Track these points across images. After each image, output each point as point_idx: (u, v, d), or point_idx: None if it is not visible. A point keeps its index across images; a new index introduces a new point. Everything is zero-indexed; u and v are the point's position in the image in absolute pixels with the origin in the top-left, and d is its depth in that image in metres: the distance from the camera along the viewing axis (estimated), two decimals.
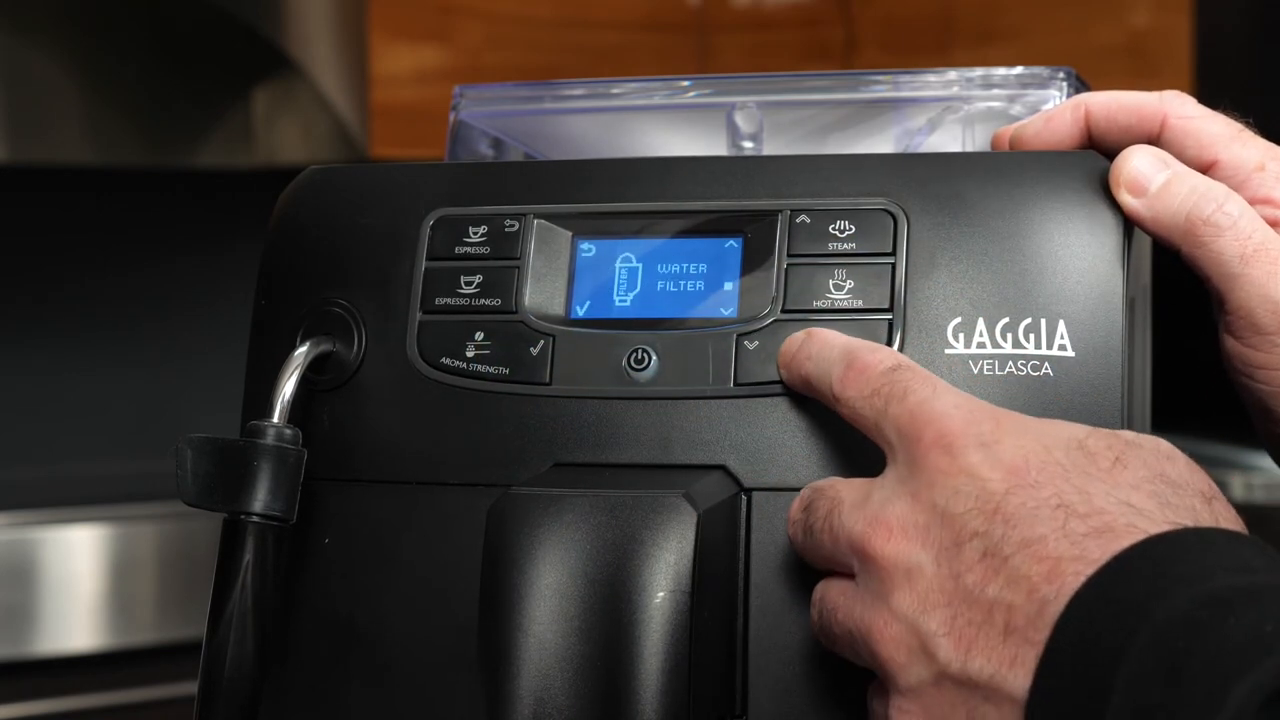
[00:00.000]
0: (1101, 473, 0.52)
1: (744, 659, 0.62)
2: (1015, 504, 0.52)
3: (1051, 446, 0.53)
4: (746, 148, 0.75)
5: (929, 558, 0.53)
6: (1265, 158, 0.64)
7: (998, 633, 0.51)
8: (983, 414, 0.55)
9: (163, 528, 2.08)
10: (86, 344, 2.41)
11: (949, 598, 0.52)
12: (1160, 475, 0.52)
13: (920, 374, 0.57)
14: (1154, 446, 0.54)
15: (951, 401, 0.55)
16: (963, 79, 0.73)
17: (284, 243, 0.71)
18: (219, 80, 2.25)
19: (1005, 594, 0.51)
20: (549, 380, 0.65)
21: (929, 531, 0.53)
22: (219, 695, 0.62)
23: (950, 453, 0.54)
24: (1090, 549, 0.50)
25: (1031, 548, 0.50)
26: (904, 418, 0.56)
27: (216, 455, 0.63)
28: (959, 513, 0.52)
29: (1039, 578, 0.50)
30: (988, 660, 0.51)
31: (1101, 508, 0.51)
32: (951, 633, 0.52)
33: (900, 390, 0.56)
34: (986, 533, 0.52)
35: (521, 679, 0.56)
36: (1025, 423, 0.54)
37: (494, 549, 0.59)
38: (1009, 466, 0.53)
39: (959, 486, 0.53)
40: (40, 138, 2.17)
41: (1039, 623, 0.49)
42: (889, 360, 0.58)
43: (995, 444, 0.53)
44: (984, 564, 0.51)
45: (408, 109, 2.26)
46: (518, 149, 0.81)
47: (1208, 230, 0.61)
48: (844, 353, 0.59)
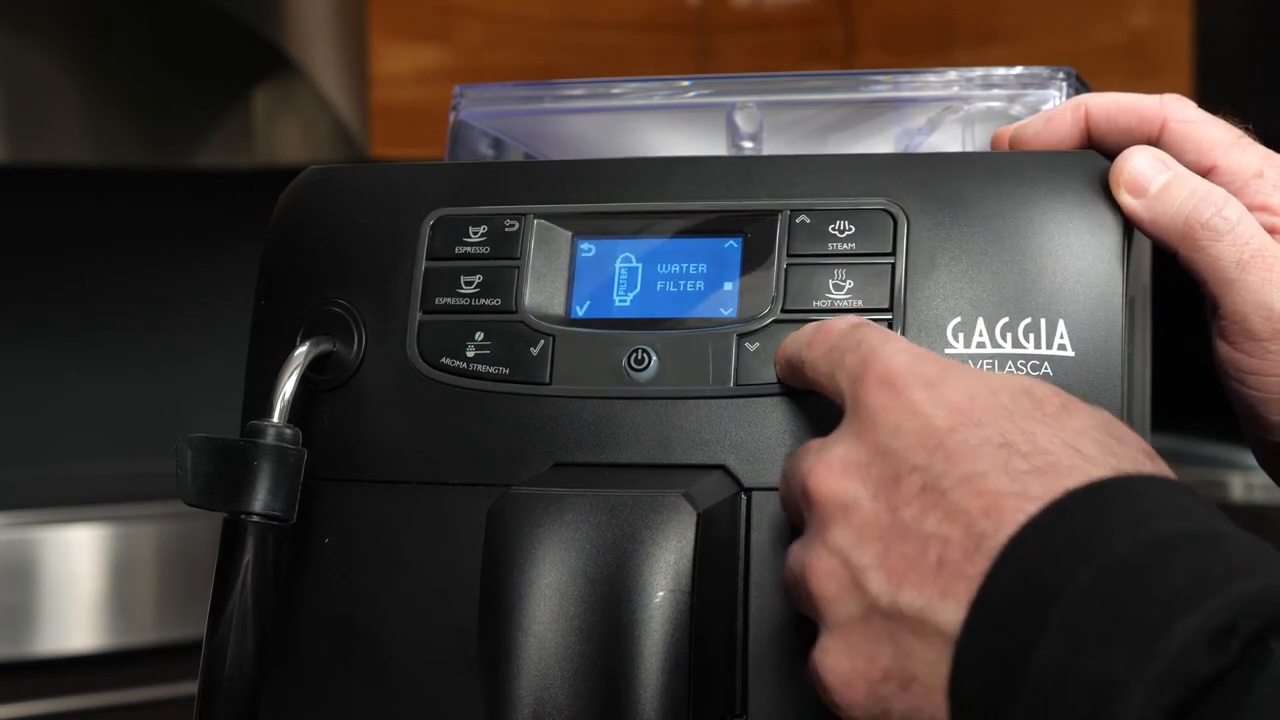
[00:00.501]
0: (1047, 417, 0.52)
1: (744, 659, 0.62)
2: (958, 440, 0.51)
3: (998, 390, 0.53)
4: (746, 148, 0.75)
5: (867, 493, 0.53)
6: (1264, 164, 0.64)
7: (931, 566, 0.50)
8: (928, 358, 0.55)
9: (163, 528, 2.08)
10: (86, 344, 2.41)
11: (883, 531, 0.52)
12: (1105, 426, 0.52)
13: (877, 329, 0.57)
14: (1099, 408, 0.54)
15: (900, 346, 0.56)
16: (963, 79, 0.73)
17: (284, 243, 0.71)
18: (219, 80, 2.25)
19: (942, 528, 0.50)
20: (549, 380, 0.65)
21: (869, 468, 0.53)
22: (219, 695, 0.62)
23: (893, 390, 0.54)
24: (1031, 487, 0.49)
25: (972, 483, 0.50)
26: (854, 364, 0.56)
27: (216, 455, 0.63)
28: (899, 448, 0.52)
29: (977, 512, 0.50)
30: (919, 593, 0.50)
31: (1045, 448, 0.51)
32: (884, 565, 0.51)
33: (854, 342, 0.57)
34: (926, 467, 0.52)
35: (521, 679, 0.56)
36: (971, 370, 0.55)
37: (494, 549, 0.59)
38: (953, 405, 0.53)
39: (901, 423, 0.53)
40: (40, 138, 2.17)
41: (975, 557, 0.49)
42: (852, 320, 0.59)
43: (940, 384, 0.53)
44: (922, 498, 0.51)
45: (408, 109, 2.26)
46: (518, 149, 0.81)
47: (1205, 234, 0.62)
48: (815, 325, 0.60)
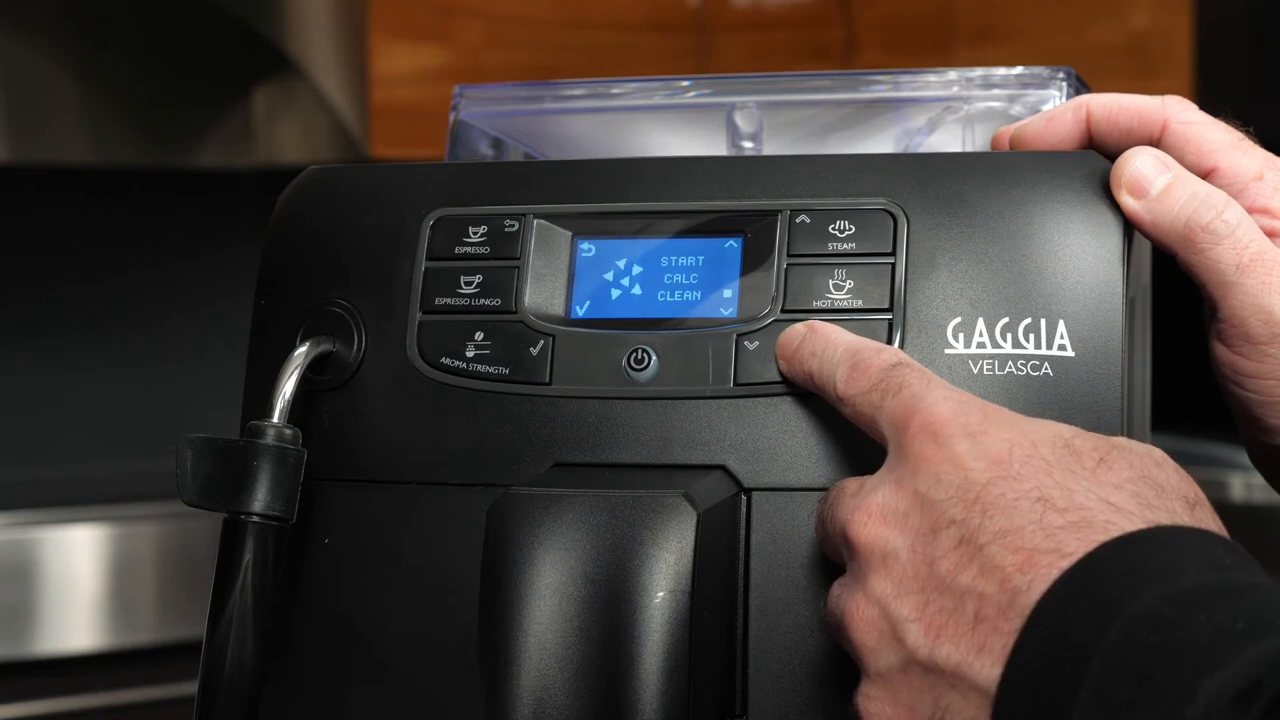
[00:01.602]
0: (1085, 471, 0.52)
1: (744, 659, 0.62)
2: (995, 494, 0.52)
3: (1038, 442, 0.53)
4: (746, 148, 0.75)
5: (905, 543, 0.53)
6: (1264, 167, 0.64)
7: (968, 621, 0.51)
8: (971, 406, 0.55)
9: (163, 528, 2.08)
10: (86, 344, 2.41)
11: (922, 584, 0.52)
12: (1145, 477, 0.53)
13: (918, 371, 0.57)
14: (1145, 452, 0.54)
15: (942, 394, 0.56)
16: (963, 79, 0.73)
17: (284, 243, 0.71)
18: (219, 80, 2.25)
19: (978, 583, 0.51)
20: (549, 380, 0.65)
21: (908, 518, 0.53)
22: (219, 695, 0.62)
23: (936, 440, 0.54)
24: (1066, 542, 0.50)
25: (1007, 538, 0.51)
26: (897, 410, 0.56)
27: (216, 455, 0.63)
28: (939, 500, 0.53)
29: (1012, 568, 0.50)
30: (955, 648, 0.51)
31: (1081, 504, 0.51)
32: (922, 619, 0.52)
33: (896, 385, 0.57)
34: (964, 520, 0.52)
35: (521, 679, 0.56)
36: (1014, 418, 0.55)
37: (494, 549, 0.59)
38: (993, 457, 0.53)
39: (941, 474, 0.53)
40: (40, 138, 2.17)
41: (1010, 613, 0.50)
42: (890, 358, 0.58)
43: (981, 434, 0.54)
44: (958, 551, 0.52)
45: (408, 109, 2.26)
46: (518, 149, 0.81)
47: (1205, 237, 0.62)
48: (848, 352, 0.60)
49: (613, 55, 2.37)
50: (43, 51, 2.13)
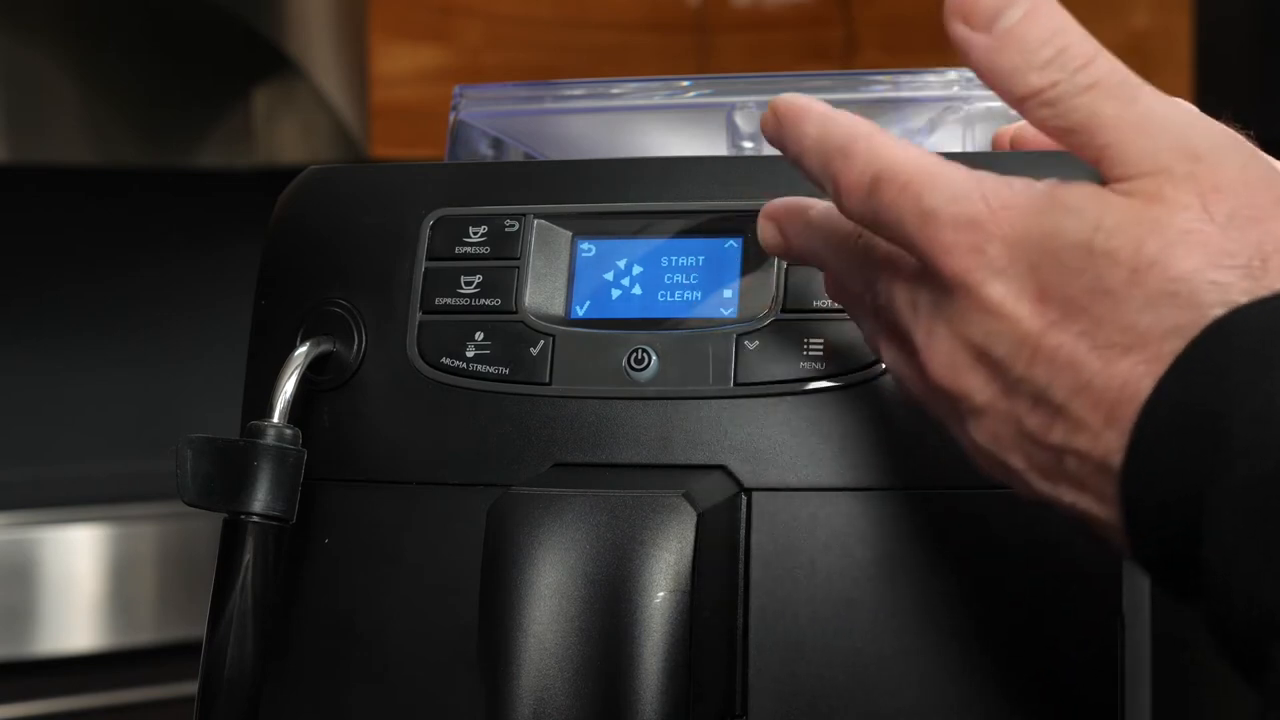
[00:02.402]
0: (1124, 281, 0.48)
1: (744, 659, 0.62)
2: (1052, 345, 0.49)
3: (1063, 258, 0.49)
4: (746, 148, 0.75)
5: (985, 398, 0.51)
6: None
7: (1074, 476, 0.50)
8: (979, 230, 0.50)
9: (163, 528, 2.08)
10: (86, 344, 2.41)
11: (1018, 439, 0.51)
12: (1193, 260, 0.47)
13: (897, 184, 0.52)
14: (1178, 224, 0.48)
15: (948, 213, 0.50)
16: (963, 79, 0.73)
17: (284, 243, 0.71)
18: (219, 80, 2.25)
19: (1071, 440, 0.49)
20: (549, 380, 0.65)
21: (976, 371, 0.51)
22: (219, 695, 0.62)
23: (969, 292, 0.50)
24: (1143, 384, 0.47)
25: (1081, 395, 0.49)
26: (912, 242, 0.52)
27: (216, 455, 0.63)
28: (999, 356, 0.50)
29: (1099, 422, 0.48)
30: (1077, 496, 0.50)
31: (1141, 335, 0.48)
32: (1032, 468, 0.51)
33: (890, 215, 0.52)
34: (1031, 378, 0.50)
35: (521, 679, 0.56)
36: (1019, 217, 0.50)
37: (494, 549, 0.59)
38: (1034, 293, 0.49)
39: (990, 328, 0.50)
40: (40, 138, 2.17)
41: (1109, 465, 0.48)
42: (864, 174, 0.53)
43: (1008, 269, 0.50)
44: (1039, 411, 0.50)
45: (408, 109, 2.26)
46: (518, 149, 0.81)
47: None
48: (823, 165, 0.54)
49: (613, 55, 2.37)
50: (43, 51, 2.13)
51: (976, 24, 0.51)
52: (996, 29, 0.51)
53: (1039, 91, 0.50)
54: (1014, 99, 0.51)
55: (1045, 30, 0.50)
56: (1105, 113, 0.49)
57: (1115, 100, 0.49)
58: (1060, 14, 0.50)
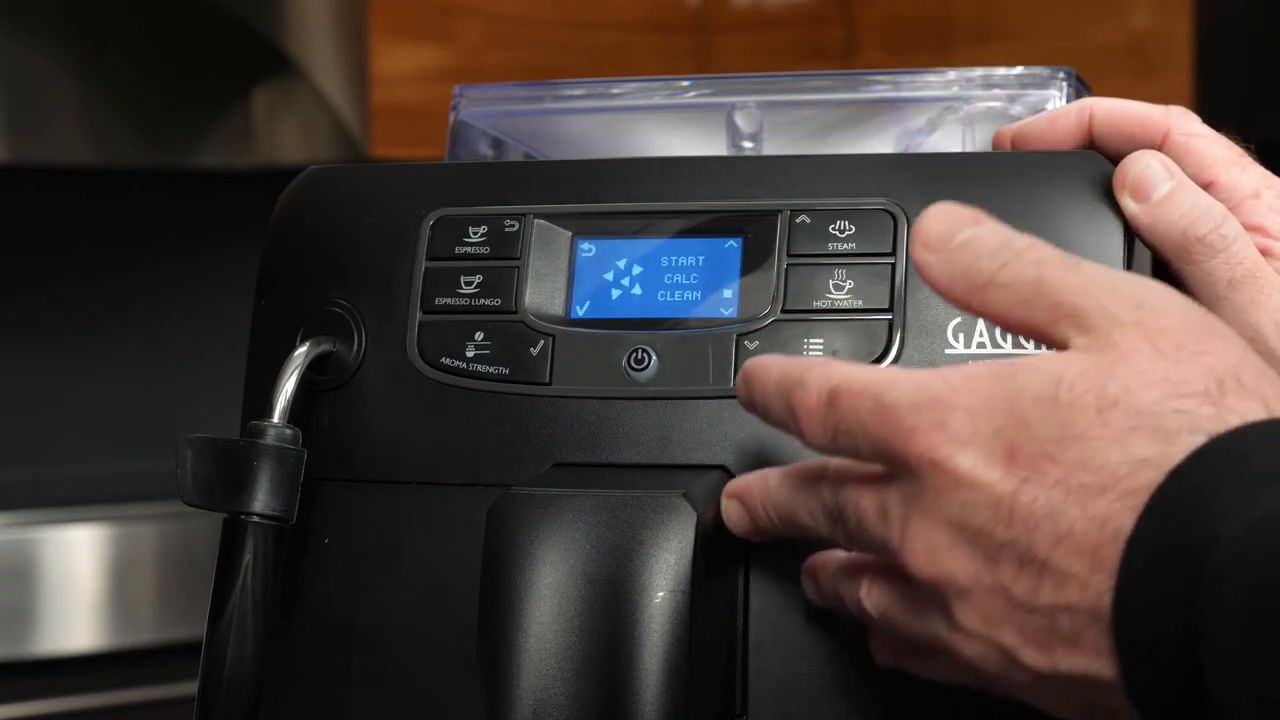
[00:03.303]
0: (1090, 424, 0.49)
1: (744, 659, 0.62)
2: (1028, 501, 0.50)
3: (1028, 415, 0.50)
4: (746, 148, 0.75)
5: (969, 576, 0.51)
6: (1261, 185, 0.65)
7: (1069, 635, 0.49)
8: (940, 406, 0.51)
9: (163, 528, 2.08)
10: (86, 344, 2.41)
11: (1008, 611, 0.51)
12: (1153, 393, 0.49)
13: (855, 391, 0.53)
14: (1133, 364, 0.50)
15: (908, 401, 0.52)
16: (963, 79, 0.73)
17: (284, 243, 0.71)
18: (219, 80, 2.25)
19: (1060, 595, 0.49)
20: (549, 380, 0.65)
21: (956, 550, 0.51)
22: (219, 695, 0.62)
23: (937, 468, 0.51)
24: (1122, 517, 0.48)
25: (1062, 546, 0.49)
26: (875, 441, 0.53)
27: (216, 455, 0.63)
28: (977, 526, 0.50)
29: (1084, 570, 0.49)
30: (1074, 660, 0.50)
31: (1113, 472, 0.49)
32: (1026, 641, 0.51)
33: (851, 422, 0.53)
34: (1014, 540, 0.50)
35: (521, 679, 0.56)
36: (980, 386, 0.51)
37: (494, 549, 0.59)
38: (1002, 456, 0.50)
39: (964, 499, 0.51)
40: (40, 138, 2.17)
41: (1101, 611, 0.48)
42: (823, 394, 0.54)
43: (973, 438, 0.51)
44: (1026, 573, 0.50)
45: (408, 109, 2.26)
46: (518, 149, 0.81)
47: (1201, 249, 0.62)
48: (784, 402, 0.56)
49: (613, 55, 2.37)
50: (43, 51, 2.13)
51: (933, 247, 0.54)
52: (950, 246, 0.54)
53: (993, 275, 0.53)
54: (974, 288, 0.53)
55: (995, 236, 0.54)
56: (1052, 276, 0.52)
57: (1060, 267, 0.52)
58: (1008, 232, 0.54)
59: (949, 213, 0.54)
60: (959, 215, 0.54)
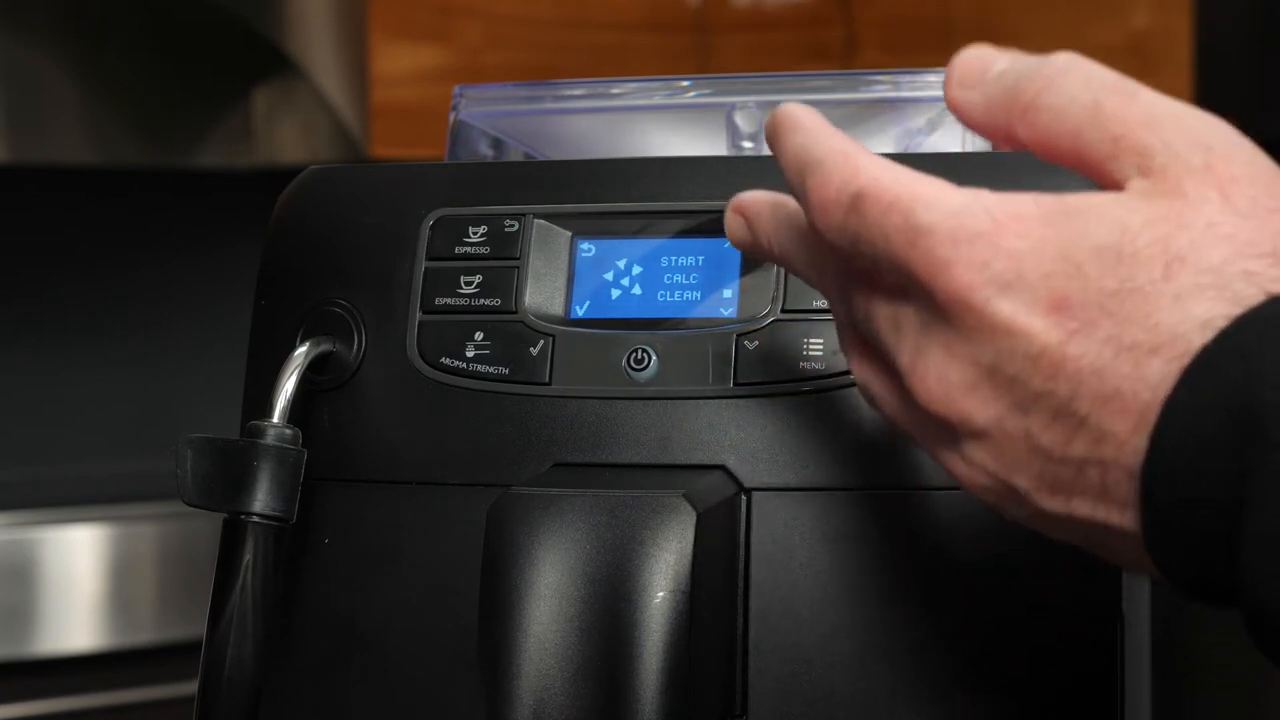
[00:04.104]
0: (1153, 278, 0.46)
1: (744, 659, 0.62)
2: (1076, 354, 0.46)
3: (1083, 262, 0.46)
4: (746, 148, 0.75)
5: (989, 419, 0.48)
6: None
7: (1095, 486, 0.47)
8: (982, 243, 0.47)
9: (163, 528, 2.08)
10: (86, 344, 2.41)
11: (1029, 457, 0.48)
12: (1222, 251, 0.46)
13: (883, 201, 0.49)
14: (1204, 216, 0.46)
15: (946, 227, 0.48)
16: None
17: (284, 243, 0.71)
18: (219, 80, 2.25)
19: (1095, 451, 0.47)
20: (549, 380, 0.65)
21: (976, 391, 0.48)
22: (219, 695, 0.62)
23: (971, 310, 0.47)
24: (1167, 381, 0.45)
25: (1108, 404, 0.46)
26: (900, 262, 0.49)
27: (216, 455, 0.63)
28: (1011, 373, 0.47)
29: (1127, 429, 0.46)
30: (1095, 509, 0.47)
31: (1171, 330, 0.46)
32: (1042, 487, 0.48)
33: (875, 233, 0.49)
34: (1051, 392, 0.47)
35: (521, 679, 0.56)
36: (1030, 227, 0.47)
37: (494, 549, 0.59)
38: (1048, 304, 0.47)
39: (1000, 345, 0.47)
40: (40, 138, 2.17)
41: (1136, 469, 0.46)
42: (844, 191, 0.50)
43: (1015, 283, 0.47)
44: (1058, 425, 0.47)
45: (408, 109, 2.26)
46: (518, 149, 0.81)
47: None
48: (798, 177, 0.52)
49: (613, 55, 2.37)
50: (43, 51, 2.13)
51: (970, 83, 0.51)
52: (988, 79, 0.50)
53: (1038, 93, 0.49)
54: (1019, 111, 0.49)
55: (1036, 58, 0.50)
56: (1110, 103, 0.48)
57: (1118, 93, 0.48)
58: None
59: (983, 50, 0.50)
60: (993, 51, 0.50)
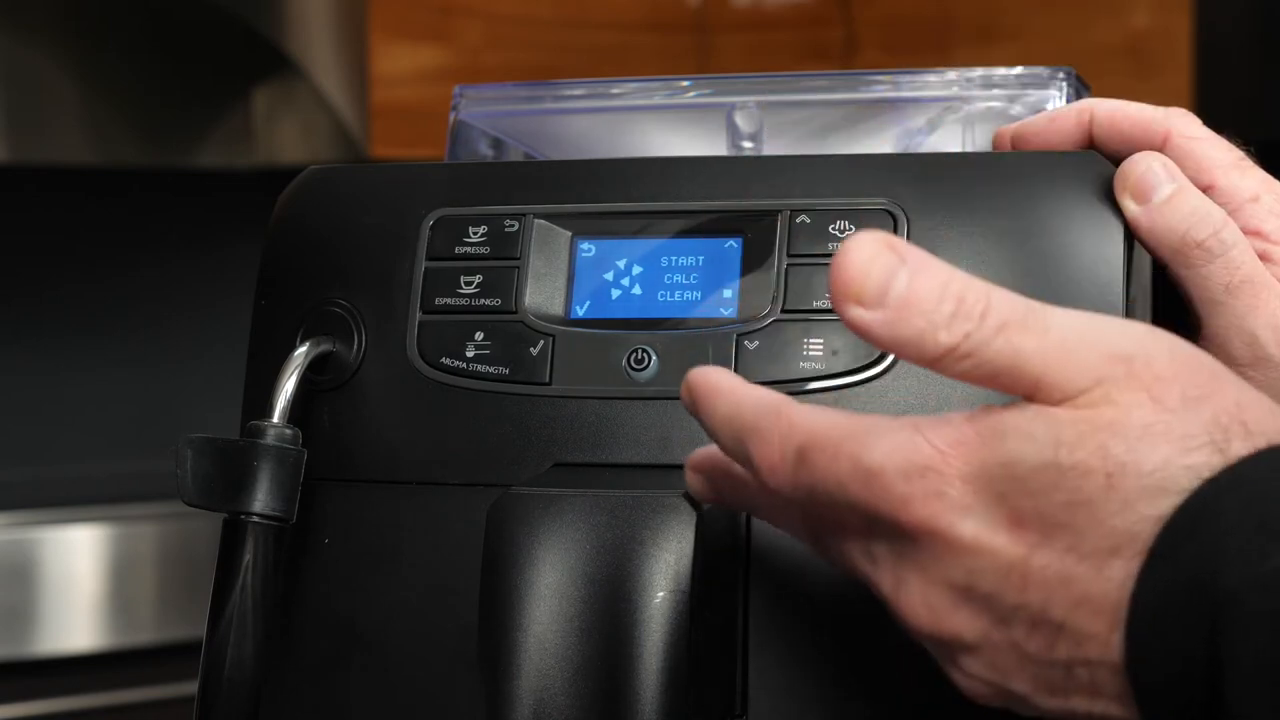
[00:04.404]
0: (1098, 489, 0.48)
1: (744, 659, 0.62)
2: (1040, 565, 0.48)
3: (1030, 482, 0.48)
4: (746, 148, 0.75)
5: (977, 634, 0.50)
6: (1261, 189, 0.64)
7: (1085, 684, 0.49)
8: (933, 475, 0.49)
9: (163, 528, 2.08)
10: (86, 344, 2.41)
11: (1020, 663, 0.49)
12: (1160, 453, 0.47)
13: (827, 451, 0.50)
14: (1135, 420, 0.47)
15: (895, 465, 0.49)
16: (963, 79, 0.73)
17: (284, 243, 0.71)
18: (219, 80, 2.25)
19: (1078, 652, 0.48)
20: (549, 380, 0.65)
21: (961, 610, 0.50)
22: (219, 695, 0.62)
23: (938, 536, 0.49)
24: (1129, 571, 0.47)
25: (1081, 608, 0.48)
26: (859, 504, 0.50)
27: (216, 455, 0.63)
28: (988, 590, 0.49)
29: (1104, 629, 0.48)
30: (1091, 704, 0.49)
31: (1126, 532, 0.47)
32: (1039, 689, 0.50)
33: (829, 483, 0.50)
34: (1026, 604, 0.48)
35: (521, 679, 0.56)
36: (972, 452, 0.49)
37: (494, 549, 0.59)
38: (1007, 521, 0.48)
39: (971, 565, 0.49)
40: (40, 138, 2.17)
41: (1122, 664, 0.48)
42: (788, 450, 0.51)
43: (974, 505, 0.49)
44: (1040, 632, 0.49)
45: (408, 109, 2.26)
46: (518, 149, 0.81)
47: (1199, 254, 0.61)
48: (738, 446, 0.53)
49: (613, 55, 2.37)
50: (43, 51, 2.13)
51: (869, 302, 0.49)
52: (890, 301, 0.48)
53: (953, 348, 0.49)
54: (929, 361, 0.49)
55: (936, 286, 0.49)
56: (1026, 349, 0.48)
57: (1031, 333, 0.48)
58: (940, 265, 0.49)
59: (874, 254, 0.49)
60: (885, 257, 0.49)
